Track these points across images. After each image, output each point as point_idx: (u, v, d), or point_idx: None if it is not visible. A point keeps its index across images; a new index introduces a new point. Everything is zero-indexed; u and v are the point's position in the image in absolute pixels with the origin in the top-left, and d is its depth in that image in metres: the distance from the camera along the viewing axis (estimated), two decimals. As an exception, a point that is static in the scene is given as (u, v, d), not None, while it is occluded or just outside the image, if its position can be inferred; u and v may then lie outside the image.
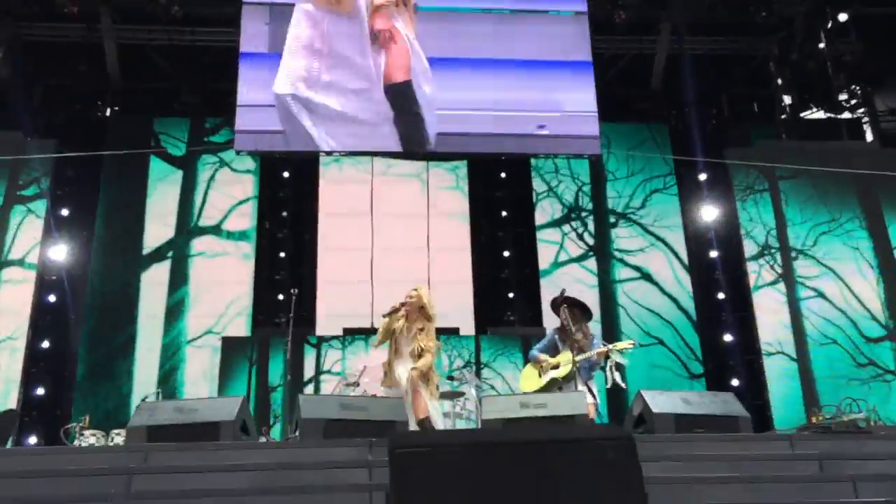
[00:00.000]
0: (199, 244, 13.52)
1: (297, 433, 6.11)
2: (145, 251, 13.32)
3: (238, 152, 11.98)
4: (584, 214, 14.37)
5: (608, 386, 7.59)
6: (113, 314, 12.87)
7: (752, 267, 13.31)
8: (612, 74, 14.38)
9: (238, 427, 6.04)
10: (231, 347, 12.51)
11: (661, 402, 6.31)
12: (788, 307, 13.09)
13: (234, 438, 5.90)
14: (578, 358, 7.38)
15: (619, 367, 7.47)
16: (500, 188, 14.58)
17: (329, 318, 13.06)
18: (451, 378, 11.07)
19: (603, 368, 7.55)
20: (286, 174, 14.18)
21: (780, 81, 14.64)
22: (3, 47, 13.21)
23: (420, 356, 7.04)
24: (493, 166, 14.42)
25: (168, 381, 12.46)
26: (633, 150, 14.51)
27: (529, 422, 6.08)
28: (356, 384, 10.01)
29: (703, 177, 14.10)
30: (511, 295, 14.06)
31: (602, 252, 14.15)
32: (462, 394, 10.34)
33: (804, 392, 12.50)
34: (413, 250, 13.66)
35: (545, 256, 14.05)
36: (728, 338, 13.47)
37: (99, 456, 5.60)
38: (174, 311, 13.04)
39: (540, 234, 14.19)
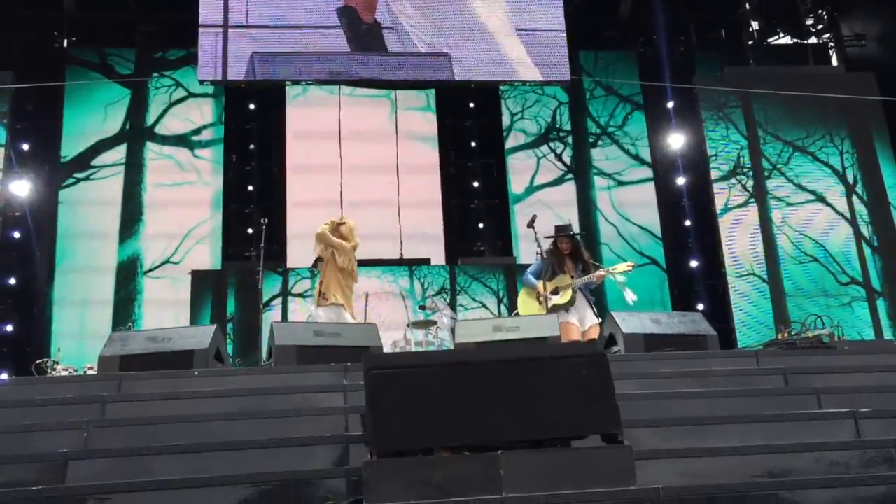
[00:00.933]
0: (156, 167, 13.30)
1: (271, 360, 6.09)
2: (97, 174, 13.07)
3: (202, 82, 11.67)
4: (562, 135, 14.32)
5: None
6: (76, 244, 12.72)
7: (720, 191, 13.35)
8: (580, 2, 14.13)
9: (212, 355, 6.00)
10: (201, 281, 12.37)
11: (631, 322, 6.37)
12: (760, 227, 13.18)
13: (208, 366, 5.87)
14: (577, 282, 7.33)
15: (622, 285, 7.50)
16: (469, 117, 14.41)
17: (300, 248, 12.96)
18: (422, 307, 11.11)
19: None
20: (252, 105, 13.89)
21: (747, 7, 14.51)
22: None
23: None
24: (462, 95, 14.20)
25: (125, 311, 12.40)
26: (603, 78, 14.40)
27: (502, 344, 6.11)
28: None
29: (671, 104, 14.04)
30: (481, 225, 14.05)
31: (581, 173, 14.14)
32: (433, 322, 10.38)
33: (775, 312, 12.67)
34: (382, 174, 13.53)
35: (519, 182, 14.01)
36: (694, 263, 13.62)
37: (72, 386, 5.54)
38: (127, 235, 12.90)
39: (513, 159, 14.14)
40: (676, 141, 13.92)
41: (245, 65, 11.50)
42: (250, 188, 13.58)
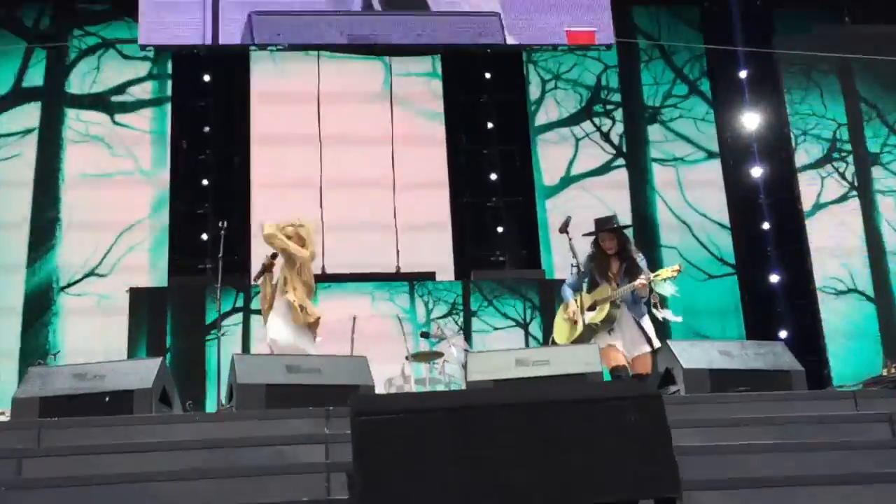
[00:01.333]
0: (76, 153, 13.37)
1: (231, 403, 6.12)
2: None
3: (143, 47, 11.77)
4: (609, 108, 14.40)
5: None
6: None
7: (810, 182, 13.33)
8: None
9: (157, 397, 6.04)
10: (141, 300, 12.42)
11: (693, 354, 6.38)
12: (865, 229, 13.15)
13: (152, 411, 5.91)
14: (618, 293, 7.20)
15: (662, 300, 7.41)
16: (484, 92, 14.44)
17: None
18: (424, 335, 11.14)
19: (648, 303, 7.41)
20: (207, 77, 13.95)
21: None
22: None
23: None
24: (476, 64, 14.25)
25: (37, 340, 12.47)
26: (656, 40, 14.46)
27: (527, 382, 6.13)
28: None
29: (743, 74, 14.06)
30: (500, 229, 14.06)
31: (635, 159, 14.21)
32: (440, 354, 10.41)
33: (885, 341, 12.58)
34: (374, 177, 13.57)
35: (552, 172, 14.07)
36: (775, 278, 13.58)
37: (-22, 436, 5.59)
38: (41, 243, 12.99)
39: (542, 142, 14.21)
40: (751, 121, 13.92)
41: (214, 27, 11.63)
42: (205, 182, 13.62)
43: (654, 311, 7.31)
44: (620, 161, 14.23)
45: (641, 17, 14.67)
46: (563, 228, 7.63)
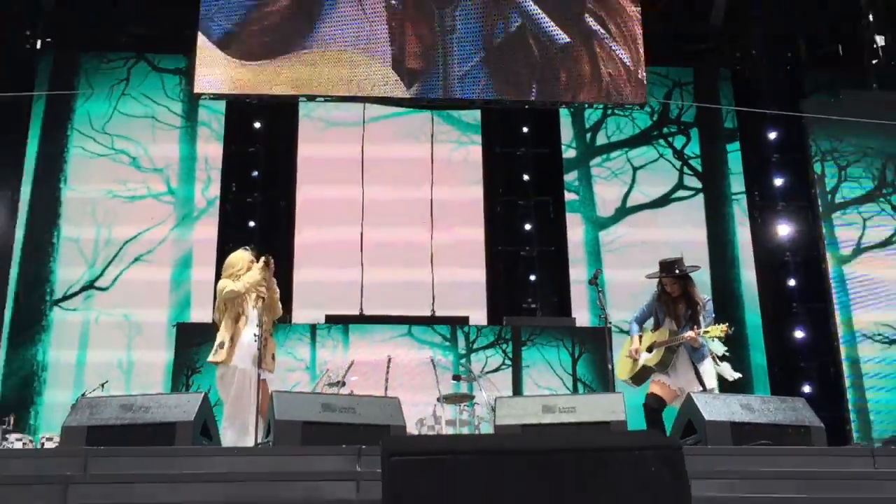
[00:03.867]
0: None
1: (269, 438, 6.17)
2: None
3: (199, 96, 12.00)
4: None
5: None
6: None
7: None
8: (662, 7, 14.28)
9: (198, 430, 6.10)
10: (188, 335, 12.55)
11: (715, 407, 6.34)
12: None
13: (193, 443, 5.97)
14: (672, 341, 7.21)
15: (721, 356, 7.40)
16: (521, 145, 14.55)
17: (308, 302, 13.11)
18: (456, 378, 11.15)
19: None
20: (257, 125, 14.20)
21: (871, 18, 14.53)
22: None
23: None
24: (514, 119, 14.38)
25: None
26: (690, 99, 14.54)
27: (553, 428, 6.13)
28: (342, 383, 10.09)
29: (772, 135, 14.07)
30: (532, 277, 14.10)
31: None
32: (470, 396, 10.42)
33: None
34: (413, 223, 13.68)
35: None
36: (799, 335, 13.46)
37: (28, 461, 5.66)
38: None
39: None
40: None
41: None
42: (252, 223, 13.83)
43: (716, 364, 7.30)
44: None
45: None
46: (594, 280, 7.67)
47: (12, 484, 5.18)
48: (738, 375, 7.44)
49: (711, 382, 7.24)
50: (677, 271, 7.39)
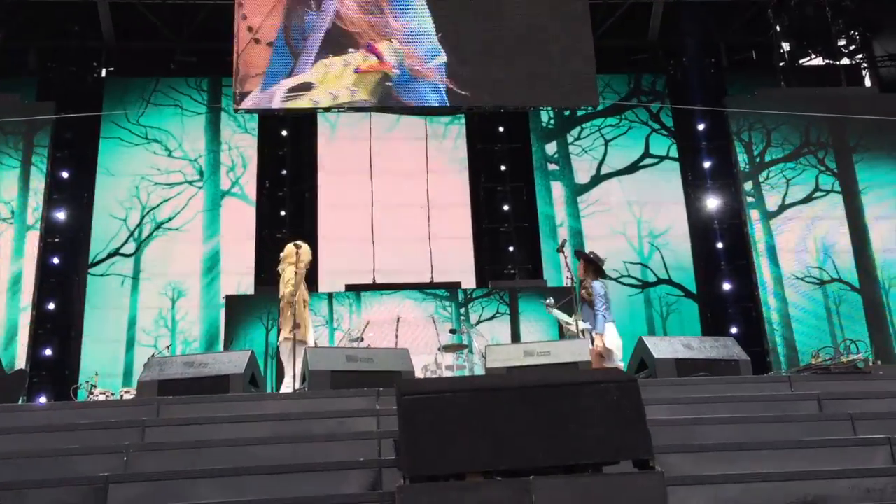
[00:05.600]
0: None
1: (304, 385, 6.19)
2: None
3: (237, 110, 11.92)
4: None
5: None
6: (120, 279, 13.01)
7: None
8: (608, 25, 14.21)
9: (247, 380, 6.12)
10: (236, 306, 12.55)
11: (662, 347, 6.39)
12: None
13: (244, 391, 5.98)
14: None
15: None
16: (498, 142, 14.54)
17: (331, 274, 13.09)
18: (452, 331, 11.18)
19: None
20: (284, 132, 14.14)
21: (778, 28, 14.49)
22: (-4, 10, 13.08)
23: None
24: (492, 121, 14.34)
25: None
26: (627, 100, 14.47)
27: (533, 369, 6.15)
28: (360, 339, 10.10)
29: (701, 127, 14.05)
30: (511, 248, 14.13)
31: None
32: (465, 346, 10.45)
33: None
34: (413, 206, 13.66)
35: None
36: (727, 287, 13.50)
37: (112, 410, 5.67)
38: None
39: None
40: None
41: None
42: (283, 213, 13.81)
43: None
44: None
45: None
46: (560, 248, 7.70)
47: (102, 428, 5.20)
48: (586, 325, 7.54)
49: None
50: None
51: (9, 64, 13.23)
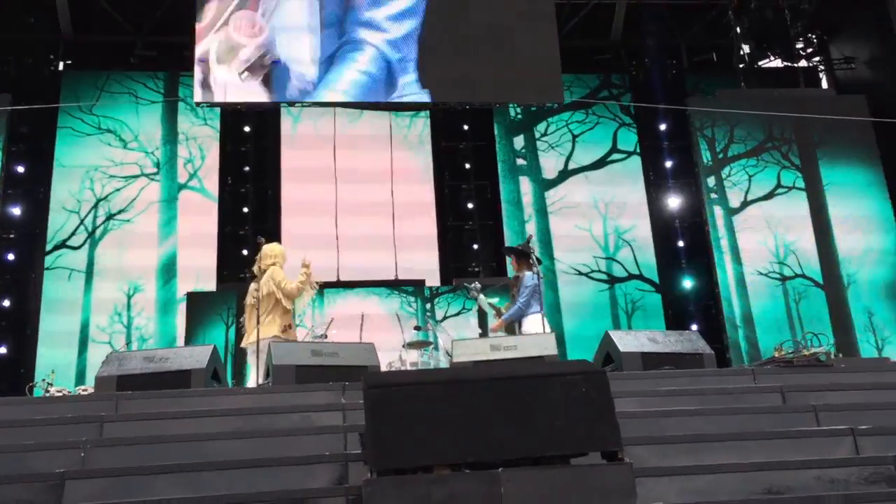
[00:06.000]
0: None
1: (268, 380, 6.07)
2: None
3: (198, 104, 11.72)
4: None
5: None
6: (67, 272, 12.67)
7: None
8: (572, 25, 14.24)
9: (209, 375, 5.98)
10: (197, 302, 12.32)
11: (628, 341, 6.39)
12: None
13: (206, 386, 5.85)
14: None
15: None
16: (463, 140, 14.46)
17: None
18: (417, 328, 11.08)
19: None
20: (247, 128, 13.90)
21: (738, 30, 14.65)
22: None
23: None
24: (456, 119, 14.26)
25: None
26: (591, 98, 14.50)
27: (500, 363, 6.10)
28: (325, 336, 9.96)
29: (663, 126, 14.15)
30: (475, 246, 14.07)
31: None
32: (429, 343, 10.35)
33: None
34: (377, 204, 13.52)
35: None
36: (688, 284, 13.61)
37: (68, 406, 5.51)
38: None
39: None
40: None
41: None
42: (245, 210, 13.58)
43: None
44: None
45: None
46: (527, 243, 7.69)
47: (59, 424, 5.05)
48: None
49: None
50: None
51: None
